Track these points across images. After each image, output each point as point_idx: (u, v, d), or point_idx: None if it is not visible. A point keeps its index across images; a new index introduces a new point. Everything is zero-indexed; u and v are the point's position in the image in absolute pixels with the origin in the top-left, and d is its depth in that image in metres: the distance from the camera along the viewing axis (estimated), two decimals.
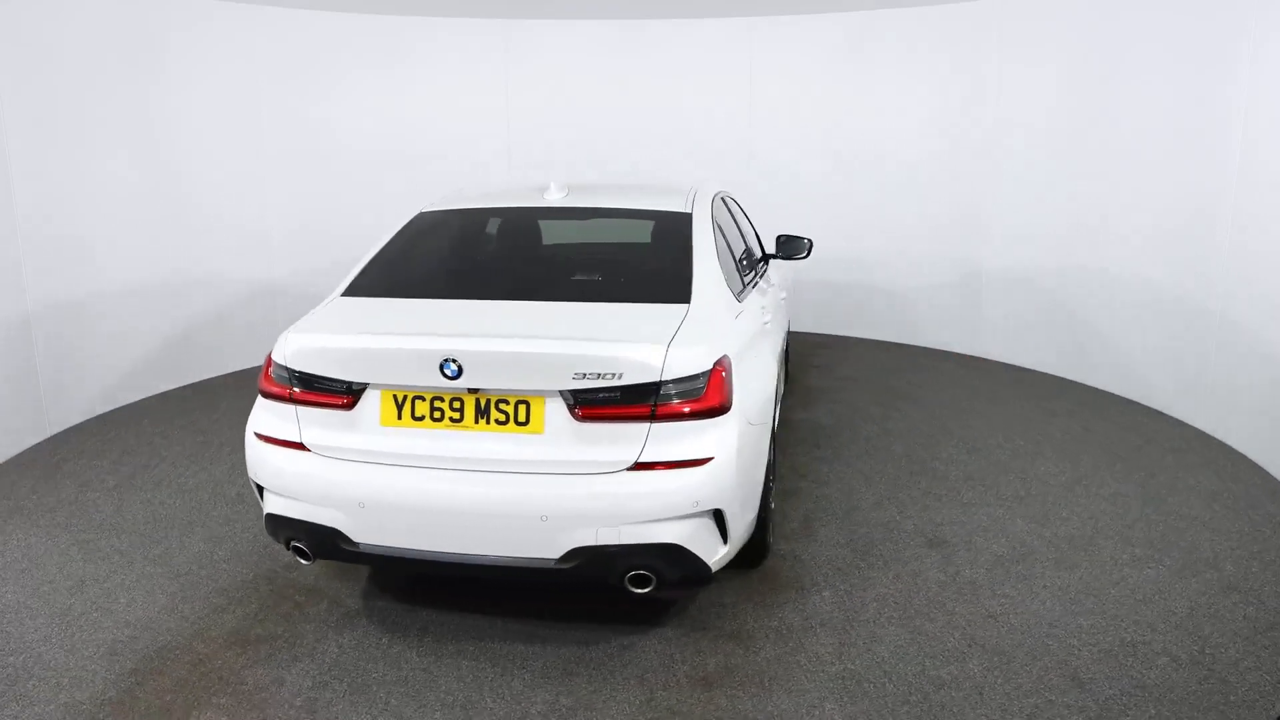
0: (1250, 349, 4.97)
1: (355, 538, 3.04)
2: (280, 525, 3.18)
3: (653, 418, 2.93)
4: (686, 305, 3.29)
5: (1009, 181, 6.82)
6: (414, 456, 3.00)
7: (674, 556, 2.96)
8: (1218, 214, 5.17)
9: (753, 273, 4.52)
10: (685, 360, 2.95)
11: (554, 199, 4.05)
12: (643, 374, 2.90)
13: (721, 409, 3.00)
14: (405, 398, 3.02)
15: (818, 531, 4.10)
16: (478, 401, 2.98)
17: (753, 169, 7.71)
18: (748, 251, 4.73)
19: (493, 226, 4.05)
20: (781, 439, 5.27)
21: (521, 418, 2.97)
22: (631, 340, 2.96)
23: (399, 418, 3.03)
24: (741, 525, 3.17)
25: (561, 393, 2.93)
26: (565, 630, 3.31)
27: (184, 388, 6.29)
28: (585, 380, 2.89)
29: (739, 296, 3.80)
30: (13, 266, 4.98)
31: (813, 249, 5.40)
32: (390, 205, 4.19)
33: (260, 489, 3.27)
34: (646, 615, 3.40)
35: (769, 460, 3.50)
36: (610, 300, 3.35)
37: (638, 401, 2.92)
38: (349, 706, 2.90)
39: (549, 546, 2.93)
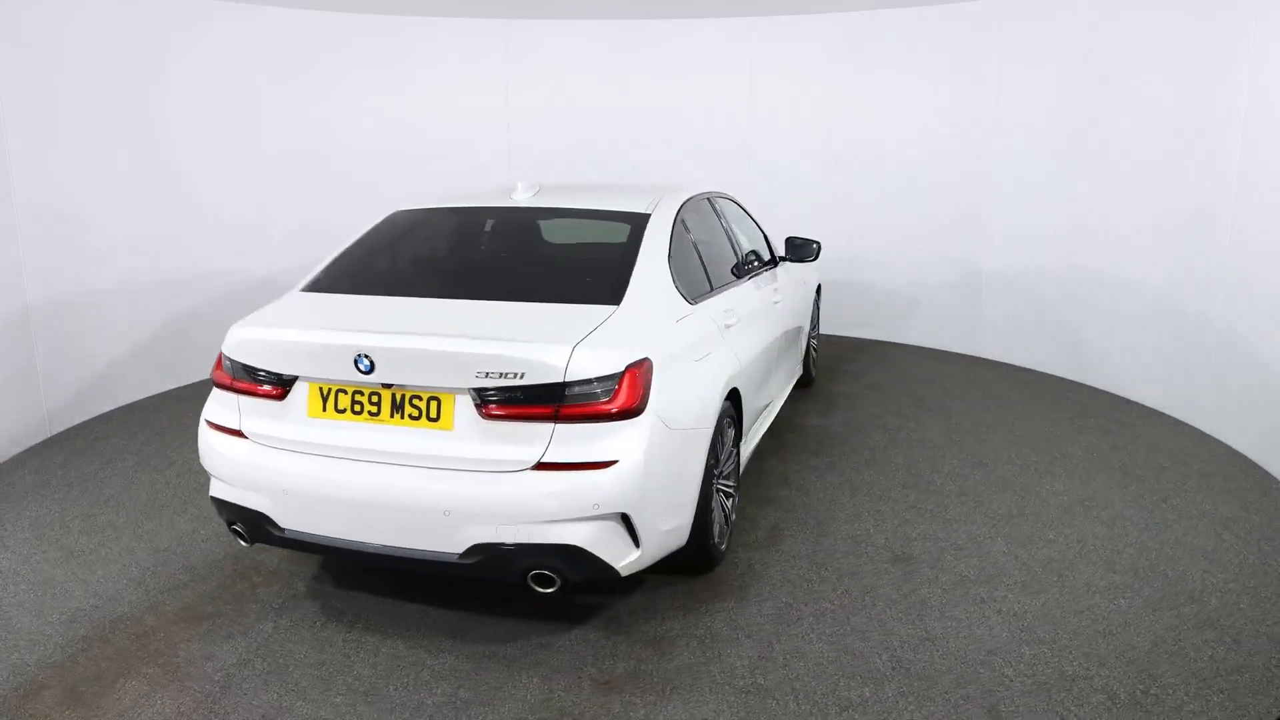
0: (1249, 350, 4.84)
1: (281, 523, 3.17)
2: (221, 508, 3.34)
3: (557, 418, 2.94)
4: (614, 307, 3.27)
5: (1009, 182, 6.76)
6: (335, 447, 3.10)
7: (574, 558, 2.96)
8: (1218, 214, 5.05)
9: (736, 275, 4.46)
10: (591, 362, 2.94)
11: (519, 200, 4.10)
12: (544, 374, 2.91)
13: (630, 412, 2.98)
14: (330, 390, 3.13)
15: (782, 541, 4.01)
16: (393, 396, 3.06)
17: (753, 169, 7.70)
18: (738, 253, 4.65)
19: (453, 226, 4.13)
20: (783, 445, 5.18)
21: (433, 414, 3.02)
22: (535, 341, 2.97)
23: (324, 409, 3.14)
24: (657, 531, 3.13)
25: (470, 390, 2.97)
26: (491, 624, 3.35)
27: (183, 388, 6.40)
28: (488, 379, 2.93)
29: (696, 299, 3.75)
30: (13, 266, 5.05)
31: (821, 251, 5.38)
32: (390, 205, 4.27)
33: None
34: (575, 613, 3.40)
35: (709, 466, 3.43)
36: (541, 300, 3.36)
37: (541, 402, 2.93)
38: (260, 684, 3.02)
39: (451, 542, 2.97)
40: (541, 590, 3.05)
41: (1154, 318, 5.71)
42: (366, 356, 2.99)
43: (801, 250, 5.31)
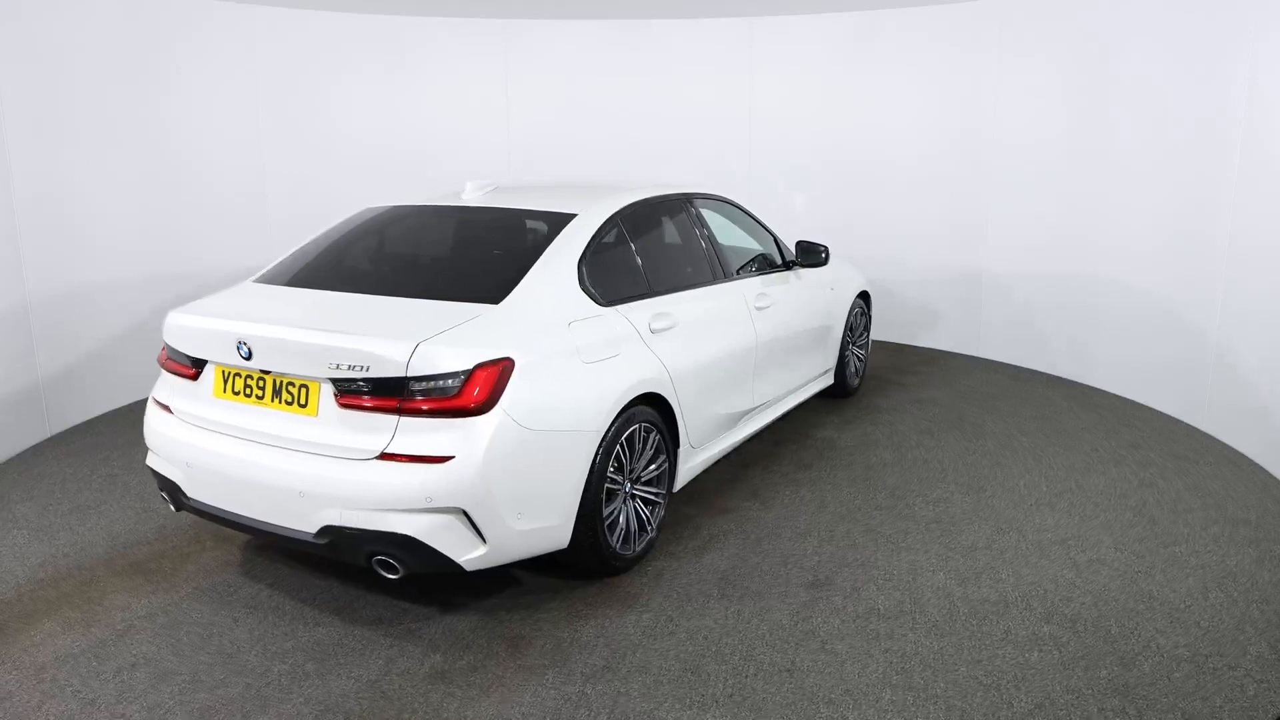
0: (1251, 352, 4.86)
1: (188, 493, 3.45)
2: (154, 476, 3.67)
3: (399, 411, 3.02)
4: (492, 306, 3.31)
5: (1009, 181, 6.57)
6: (228, 426, 3.33)
7: (411, 548, 3.03)
8: (1218, 213, 4.93)
9: (705, 279, 4.35)
10: (435, 358, 3.00)
11: (466, 199, 4.21)
12: (386, 368, 3.00)
13: (474, 410, 3.01)
14: (229, 374, 3.37)
15: (707, 553, 3.88)
16: (274, 382, 3.25)
17: (753, 169, 7.56)
18: (712, 256, 4.52)
19: (396, 224, 4.27)
20: (776, 455, 4.99)
21: (302, 400, 3.19)
22: (380, 335, 3.06)
23: (224, 391, 3.38)
24: (509, 530, 3.13)
25: (328, 380, 3.11)
26: (380, 603, 3.46)
27: None
28: (339, 370, 3.05)
29: (615, 302, 3.71)
30: (13, 266, 5.07)
31: (830, 256, 5.27)
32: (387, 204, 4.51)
33: None
34: (456, 603, 3.46)
35: (600, 470, 3.38)
36: (431, 297, 3.43)
37: (385, 394, 3.02)
38: (150, 636, 3.29)
39: (307, 521, 3.12)
40: (388, 576, 3.14)
41: (1154, 317, 5.64)
42: (245, 344, 3.20)
43: (809, 255, 5.12)
